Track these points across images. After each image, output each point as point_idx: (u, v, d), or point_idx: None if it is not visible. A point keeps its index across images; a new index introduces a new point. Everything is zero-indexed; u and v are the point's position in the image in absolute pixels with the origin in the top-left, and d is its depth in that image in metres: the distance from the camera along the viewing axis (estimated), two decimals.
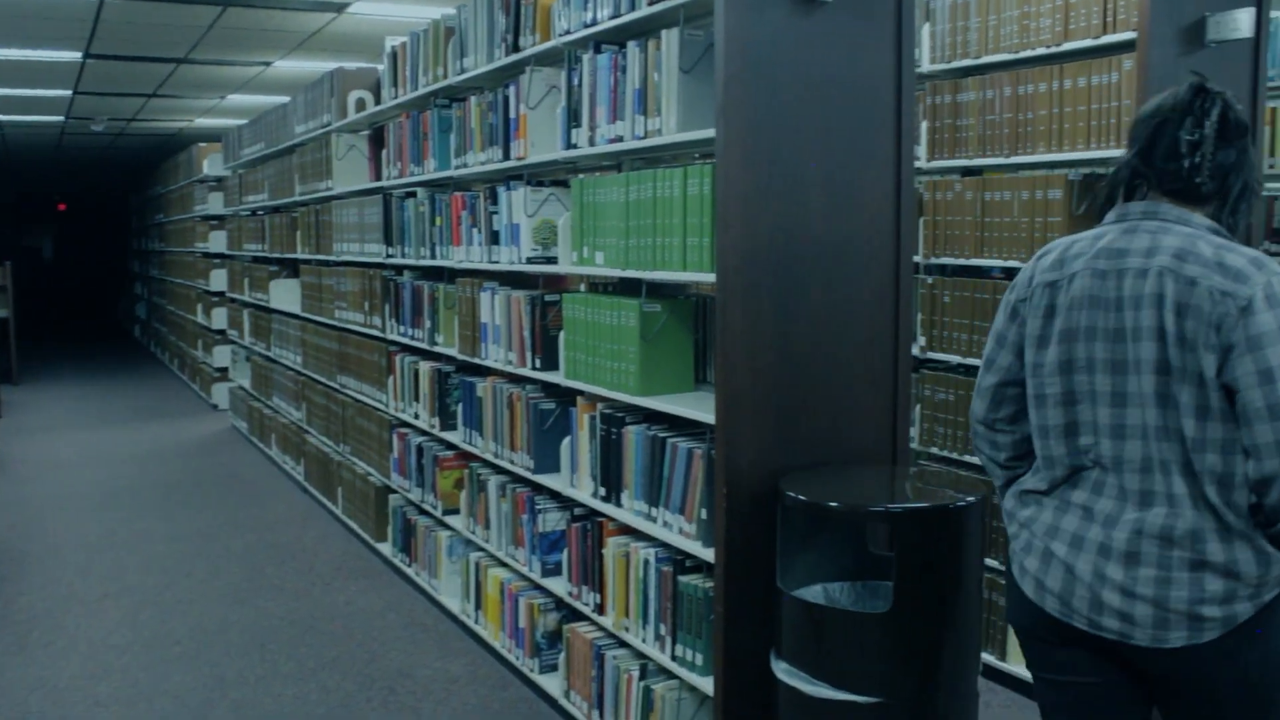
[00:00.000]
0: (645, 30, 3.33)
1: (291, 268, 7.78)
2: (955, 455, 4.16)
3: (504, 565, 4.37)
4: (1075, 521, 2.08)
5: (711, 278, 2.91)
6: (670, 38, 3.14)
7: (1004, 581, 2.34)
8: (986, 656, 4.07)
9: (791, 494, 2.74)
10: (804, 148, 2.93)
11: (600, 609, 3.60)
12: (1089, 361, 2.05)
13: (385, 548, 5.71)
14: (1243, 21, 3.51)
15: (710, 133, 2.91)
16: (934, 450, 4.25)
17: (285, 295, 7.79)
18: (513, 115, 4.06)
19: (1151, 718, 2.19)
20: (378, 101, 5.91)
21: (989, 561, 4.04)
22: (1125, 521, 2.01)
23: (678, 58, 3.12)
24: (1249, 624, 1.96)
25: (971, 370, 4.16)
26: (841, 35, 2.98)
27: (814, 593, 2.92)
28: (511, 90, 4.05)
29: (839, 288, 3.01)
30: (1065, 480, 2.12)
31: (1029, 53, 3.94)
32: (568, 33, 3.61)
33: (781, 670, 2.78)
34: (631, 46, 3.31)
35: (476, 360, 4.40)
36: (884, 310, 3.10)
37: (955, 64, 4.21)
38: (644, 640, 3.36)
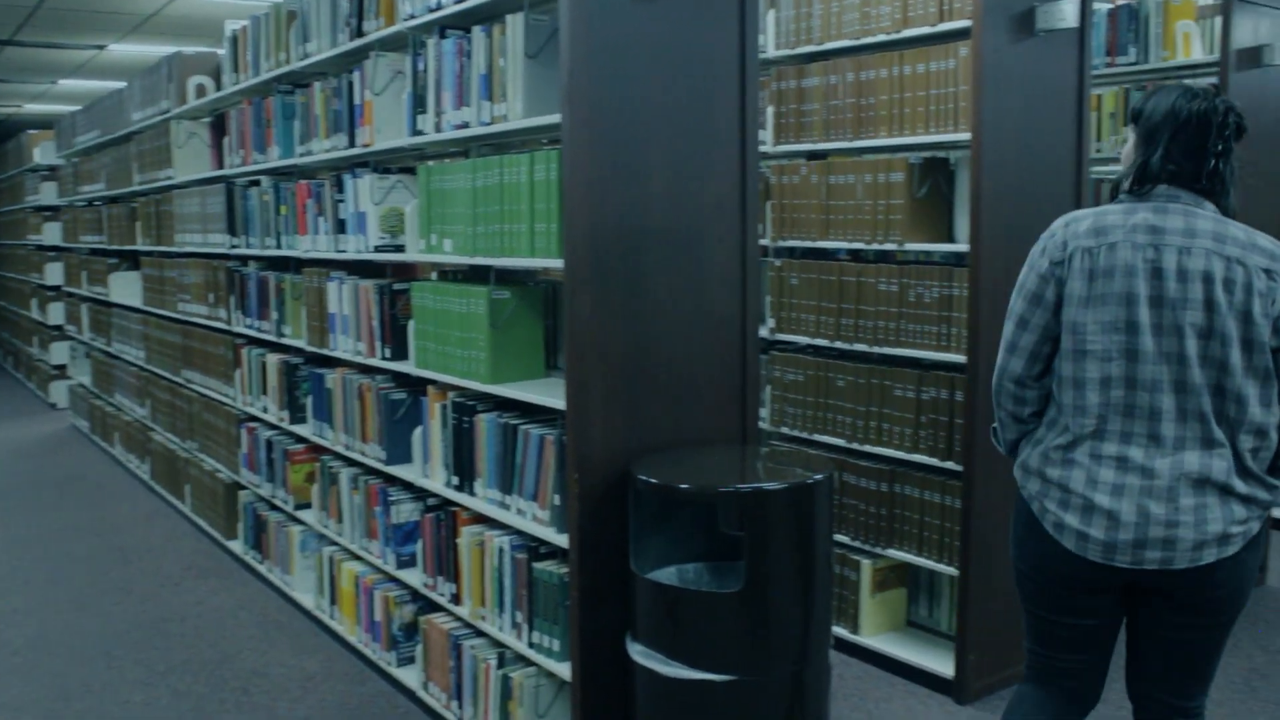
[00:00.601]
0: (490, 15, 3.30)
1: (132, 260, 7.52)
2: (805, 435, 4.24)
3: (358, 559, 4.31)
4: (1112, 473, 2.34)
5: (560, 263, 2.91)
6: (515, 23, 3.11)
7: (1020, 537, 2.55)
8: (839, 630, 4.16)
9: (642, 477, 2.75)
10: (650, 132, 2.95)
11: (456, 599, 3.57)
12: (1130, 323, 2.31)
13: (236, 545, 5.57)
14: (1068, 11, 3.63)
15: (557, 118, 2.90)
16: (784, 430, 4.32)
17: (125, 289, 7.52)
18: (358, 101, 3.98)
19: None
20: (218, 87, 5.75)
21: (838, 537, 4.12)
22: (1162, 465, 2.30)
23: (523, 43, 3.09)
24: (1256, 537, 2.37)
25: (821, 351, 4.24)
26: (686, 20, 3.00)
27: (668, 574, 2.95)
28: (356, 76, 3.98)
29: (686, 271, 3.04)
30: (1092, 433, 2.37)
31: (870, 39, 4.01)
32: (412, 17, 3.56)
33: (637, 652, 2.80)
34: (477, 31, 3.27)
35: (325, 351, 4.32)
36: (731, 293, 3.14)
37: (799, 50, 4.28)
38: (501, 629, 3.34)
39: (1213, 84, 4.55)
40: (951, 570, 3.80)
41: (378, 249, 3.91)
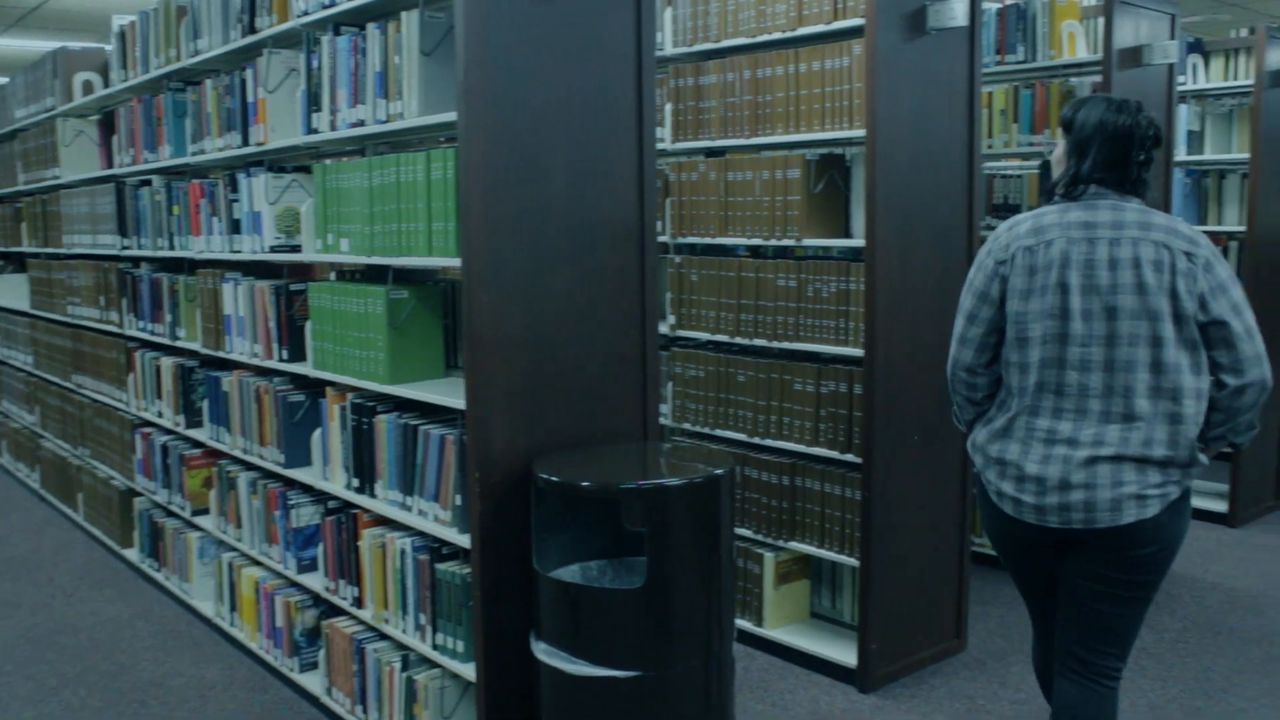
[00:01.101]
0: (385, 12, 3.27)
1: (18, 262, 7.30)
2: (707, 430, 4.27)
3: (258, 564, 4.23)
4: (1041, 445, 2.62)
5: (458, 262, 2.89)
6: (410, 20, 3.08)
7: (979, 504, 2.86)
8: (744, 623, 4.19)
9: (544, 475, 2.75)
10: (548, 130, 2.94)
11: (359, 602, 3.53)
12: (1064, 310, 2.58)
13: (132, 554, 5.44)
14: (958, 10, 3.70)
15: (453, 116, 2.88)
16: (687, 426, 4.35)
17: (11, 292, 7.30)
18: (251, 99, 3.91)
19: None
20: (106, 84, 5.60)
21: (741, 531, 4.16)
22: (1085, 436, 2.57)
23: (418, 40, 3.07)
24: (1177, 503, 2.60)
25: (722, 346, 4.27)
26: (583, 18, 3.00)
27: (571, 572, 2.95)
28: (249, 73, 3.91)
29: (586, 268, 3.04)
30: (1028, 409, 2.65)
31: (766, 37, 4.05)
32: (305, 14, 3.51)
33: (542, 651, 2.79)
34: (371, 29, 3.24)
35: (221, 354, 4.23)
36: (630, 290, 3.15)
37: (697, 47, 4.30)
38: (404, 631, 3.31)
39: (1096, 82, 4.67)
40: (852, 561, 3.86)
41: (273, 249, 3.85)
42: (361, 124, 3.31)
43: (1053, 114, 4.75)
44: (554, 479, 2.73)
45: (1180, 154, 5.78)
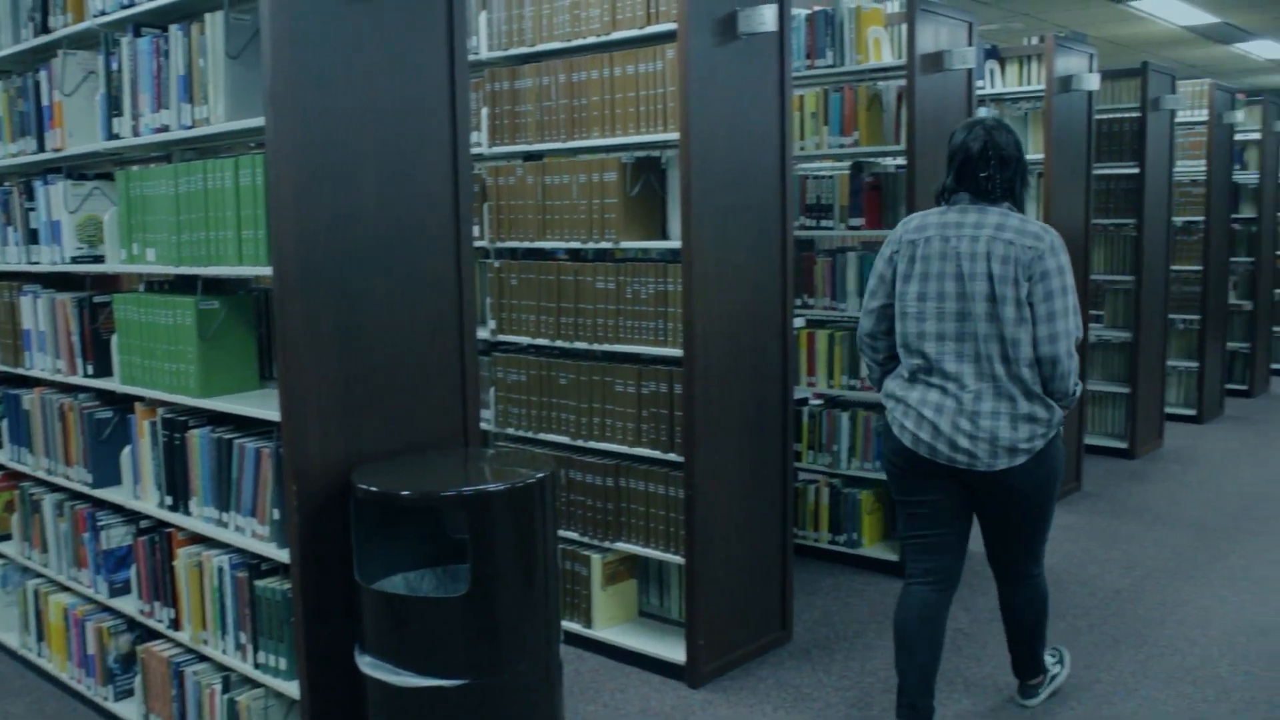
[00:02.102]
0: (188, 13, 3.17)
1: None
2: (530, 434, 4.27)
3: (67, 590, 4.05)
4: (936, 395, 3.24)
5: (270, 271, 2.82)
6: (215, 21, 3.00)
7: (884, 440, 3.43)
8: (572, 625, 4.21)
9: (363, 486, 2.71)
10: (359, 135, 2.90)
11: (175, 624, 3.41)
12: (939, 293, 3.23)
13: None
14: (768, 16, 3.79)
15: (261, 121, 2.81)
16: (510, 431, 4.34)
17: None
18: (46, 103, 3.75)
19: (970, 524, 3.45)
20: None
21: (567, 533, 4.17)
22: (966, 395, 3.19)
23: (224, 43, 2.99)
24: (1043, 450, 3.23)
25: (543, 350, 4.28)
26: (394, 21, 2.96)
27: (395, 583, 2.91)
28: (44, 75, 3.74)
29: (401, 275, 3.01)
30: (920, 369, 3.28)
31: (581, 41, 4.07)
32: (103, 14, 3.38)
33: (366, 664, 2.75)
34: (174, 30, 3.14)
35: (21, 371, 4.04)
36: (447, 295, 3.13)
37: (512, 51, 4.29)
38: (224, 651, 3.22)
39: (901, 86, 4.84)
40: (678, 559, 3.91)
41: (75, 260, 3.69)
42: (166, 129, 3.20)
43: (861, 116, 4.90)
44: (373, 489, 2.70)
45: None
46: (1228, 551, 5.33)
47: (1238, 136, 8.99)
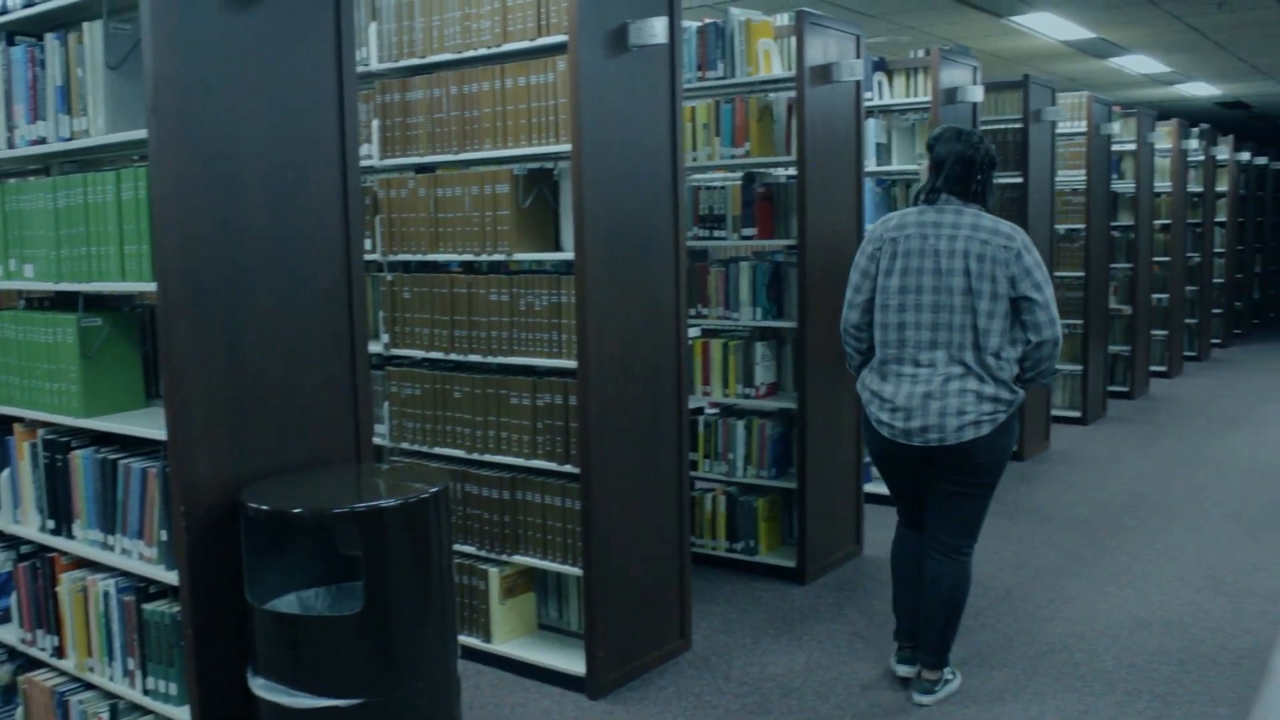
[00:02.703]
0: (66, 22, 3.09)
1: None
2: (426, 448, 4.23)
3: None
4: (907, 384, 3.59)
5: (154, 286, 2.76)
6: (94, 31, 2.93)
7: (864, 430, 3.86)
8: (471, 640, 4.17)
9: (253, 504, 2.67)
10: (245, 148, 2.85)
11: (59, 652, 3.31)
12: (918, 286, 3.58)
13: None
14: (658, 28, 3.82)
15: (144, 133, 2.75)
16: (405, 445, 4.29)
17: None
18: None
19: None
20: None
21: (465, 547, 4.14)
22: (934, 378, 3.55)
23: (103, 52, 2.92)
24: (1005, 424, 3.58)
25: (437, 364, 4.24)
26: (279, 32, 2.92)
27: (288, 602, 2.86)
28: None
29: (290, 289, 2.96)
30: (894, 359, 3.63)
31: (472, 53, 4.05)
32: None
33: (260, 686, 2.70)
34: (50, 39, 3.06)
35: None
36: (338, 309, 3.09)
37: (403, 63, 4.26)
38: (112, 678, 3.13)
39: (790, 97, 4.90)
40: (576, 571, 3.91)
41: None
42: (43, 141, 3.12)
43: (752, 127, 4.96)
44: (264, 507, 2.65)
45: (870, 165, 6.14)
46: (1112, 549, 5.49)
47: (1115, 147, 9.28)
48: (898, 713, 3.77)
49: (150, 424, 2.90)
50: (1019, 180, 7.14)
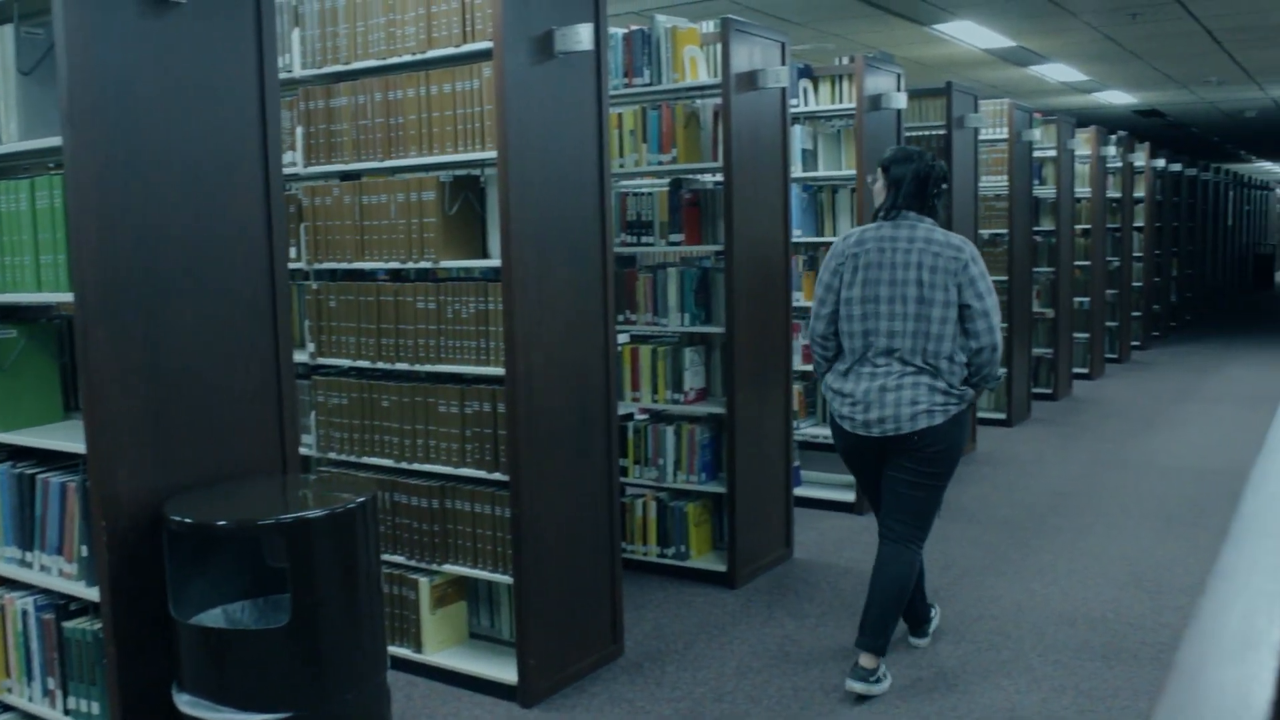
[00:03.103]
0: None
1: None
2: (354, 458, 4.19)
3: None
4: (865, 380, 3.86)
5: (71, 297, 2.71)
6: (4, 35, 2.89)
7: (831, 427, 4.05)
8: (402, 650, 4.14)
9: (177, 518, 2.62)
10: (165, 155, 2.81)
11: None
12: (876, 296, 3.85)
13: None
14: (584, 35, 3.82)
15: (59, 140, 2.70)
16: (333, 455, 4.25)
17: None
18: None
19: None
20: None
21: (394, 557, 4.11)
22: (893, 375, 3.82)
23: (14, 58, 2.86)
24: (956, 415, 3.85)
25: (364, 372, 4.21)
26: (199, 38, 2.89)
27: (214, 616, 2.82)
28: None
29: (212, 299, 2.92)
30: (858, 361, 3.89)
31: (397, 59, 4.03)
32: None
33: (184, 703, 2.66)
34: None
35: None
36: (262, 318, 3.05)
37: (327, 69, 4.22)
38: (31, 699, 3.07)
39: (717, 104, 4.93)
40: (507, 579, 3.89)
41: None
42: None
43: (679, 134, 4.98)
44: (187, 520, 2.61)
45: (796, 171, 6.19)
46: (1037, 548, 5.58)
47: (1036, 154, 9.45)
48: (829, 715, 3.80)
49: (69, 437, 2.85)
50: (943, 186, 7.23)
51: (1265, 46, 11.30)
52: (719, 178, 5.08)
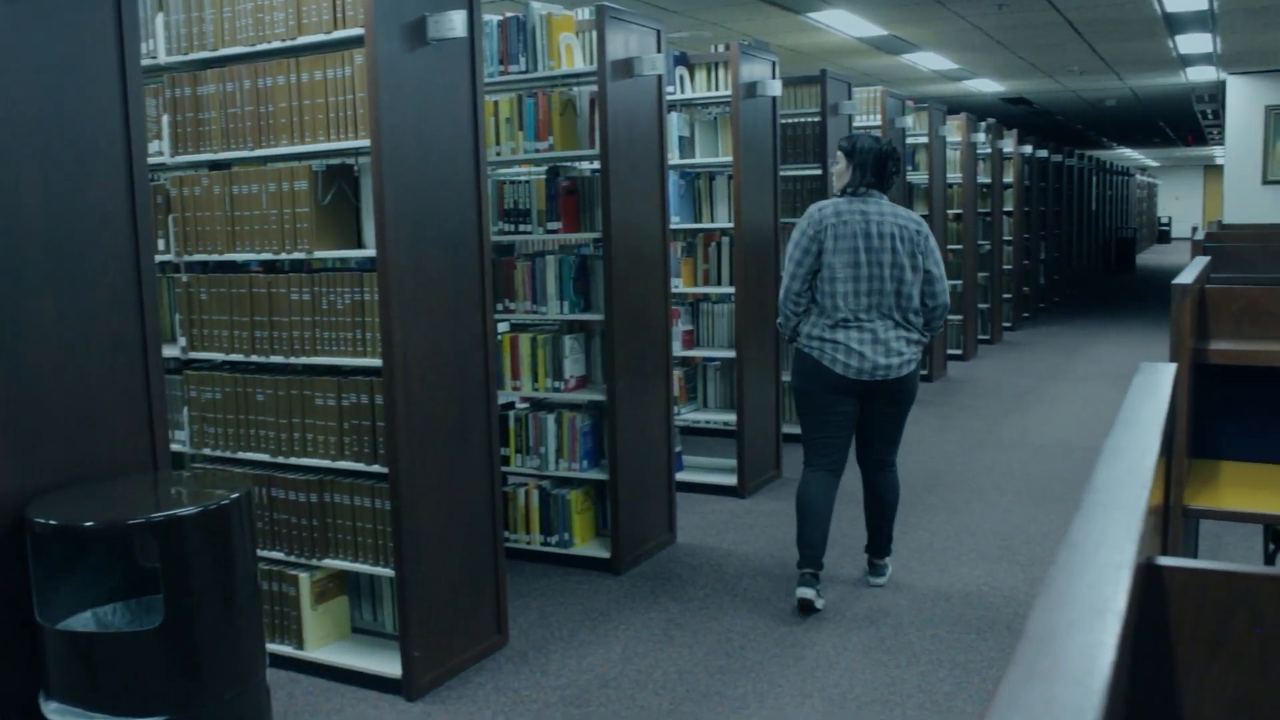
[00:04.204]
0: None
1: None
2: (229, 454, 4.10)
3: None
4: (857, 334, 4.46)
5: None
6: None
7: (805, 371, 4.61)
8: (283, 648, 4.07)
9: (41, 520, 2.54)
10: (18, 145, 2.71)
11: None
12: (856, 262, 4.45)
13: None
14: (457, 22, 3.78)
15: None
16: (207, 451, 4.15)
17: None
18: None
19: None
20: None
21: (273, 553, 4.04)
22: (881, 328, 4.47)
23: None
24: (920, 361, 4.65)
25: (238, 366, 4.12)
26: (54, 23, 2.79)
27: (84, 620, 2.74)
28: None
29: (74, 293, 2.83)
30: (843, 320, 4.47)
31: (265, 46, 3.94)
32: None
33: (53, 711, 2.59)
34: None
35: None
36: (128, 313, 2.97)
37: (194, 56, 4.11)
38: None
39: (593, 91, 4.93)
40: (388, 572, 3.85)
41: None
42: None
43: (555, 121, 4.97)
44: (52, 522, 2.53)
45: (674, 158, 6.23)
46: (914, 526, 5.71)
47: (909, 140, 9.63)
48: (713, 695, 3.85)
49: None
50: (818, 172, 7.35)
51: (1122, 38, 11.69)
52: (596, 165, 5.08)
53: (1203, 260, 4.30)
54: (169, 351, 4.02)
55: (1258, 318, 3.42)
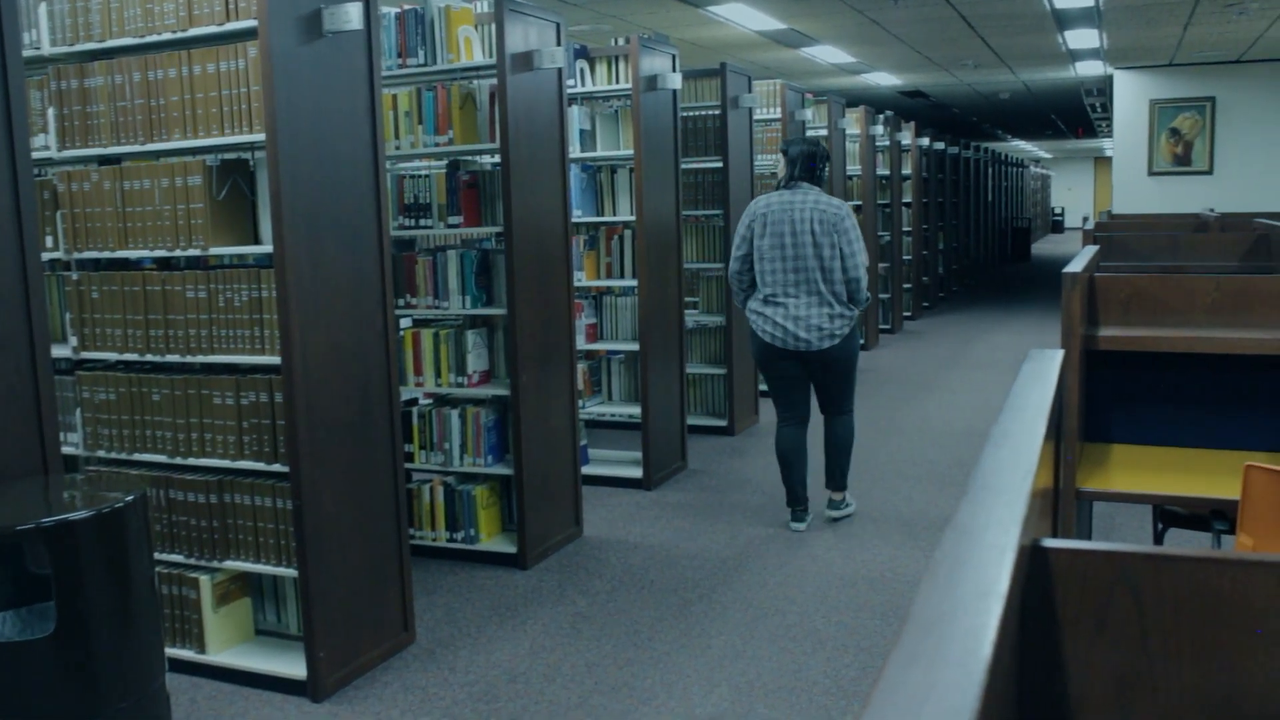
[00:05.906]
0: None
1: None
2: (125, 455, 4.01)
3: None
4: (783, 310, 5.20)
5: None
6: None
7: (752, 342, 5.42)
8: (184, 652, 3.99)
9: None
10: None
11: None
12: (781, 245, 5.20)
13: None
14: (353, 14, 3.74)
15: None
16: (102, 454, 4.06)
17: None
18: None
19: (809, 386, 5.47)
20: None
21: (172, 556, 3.96)
22: (802, 304, 5.19)
23: None
24: (849, 334, 5.28)
25: (132, 365, 4.03)
26: None
27: None
28: None
29: None
30: (772, 295, 5.22)
31: (156, 37, 3.85)
32: None
33: None
34: None
35: None
36: (13, 313, 2.89)
37: (80, 47, 4.01)
38: None
39: (493, 85, 4.91)
40: (291, 572, 3.80)
41: None
42: None
43: (455, 114, 4.93)
44: None
45: (575, 151, 6.22)
46: (819, 513, 5.78)
47: (809, 133, 9.73)
48: (621, 687, 3.86)
49: None
50: (719, 165, 7.39)
51: (1013, 33, 11.94)
52: (497, 159, 5.06)
53: (1092, 249, 4.42)
54: (59, 351, 3.92)
55: (1145, 304, 3.52)
